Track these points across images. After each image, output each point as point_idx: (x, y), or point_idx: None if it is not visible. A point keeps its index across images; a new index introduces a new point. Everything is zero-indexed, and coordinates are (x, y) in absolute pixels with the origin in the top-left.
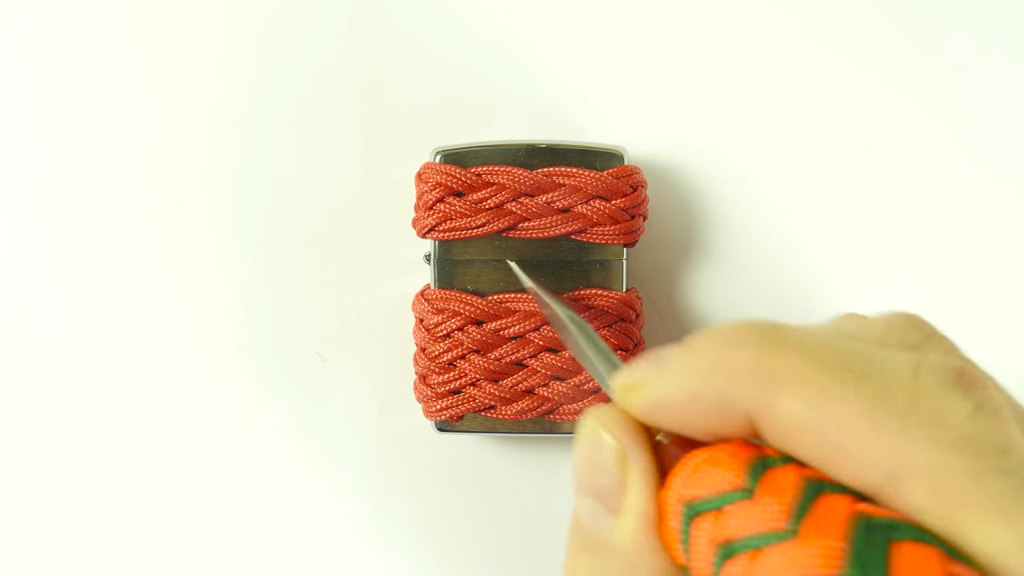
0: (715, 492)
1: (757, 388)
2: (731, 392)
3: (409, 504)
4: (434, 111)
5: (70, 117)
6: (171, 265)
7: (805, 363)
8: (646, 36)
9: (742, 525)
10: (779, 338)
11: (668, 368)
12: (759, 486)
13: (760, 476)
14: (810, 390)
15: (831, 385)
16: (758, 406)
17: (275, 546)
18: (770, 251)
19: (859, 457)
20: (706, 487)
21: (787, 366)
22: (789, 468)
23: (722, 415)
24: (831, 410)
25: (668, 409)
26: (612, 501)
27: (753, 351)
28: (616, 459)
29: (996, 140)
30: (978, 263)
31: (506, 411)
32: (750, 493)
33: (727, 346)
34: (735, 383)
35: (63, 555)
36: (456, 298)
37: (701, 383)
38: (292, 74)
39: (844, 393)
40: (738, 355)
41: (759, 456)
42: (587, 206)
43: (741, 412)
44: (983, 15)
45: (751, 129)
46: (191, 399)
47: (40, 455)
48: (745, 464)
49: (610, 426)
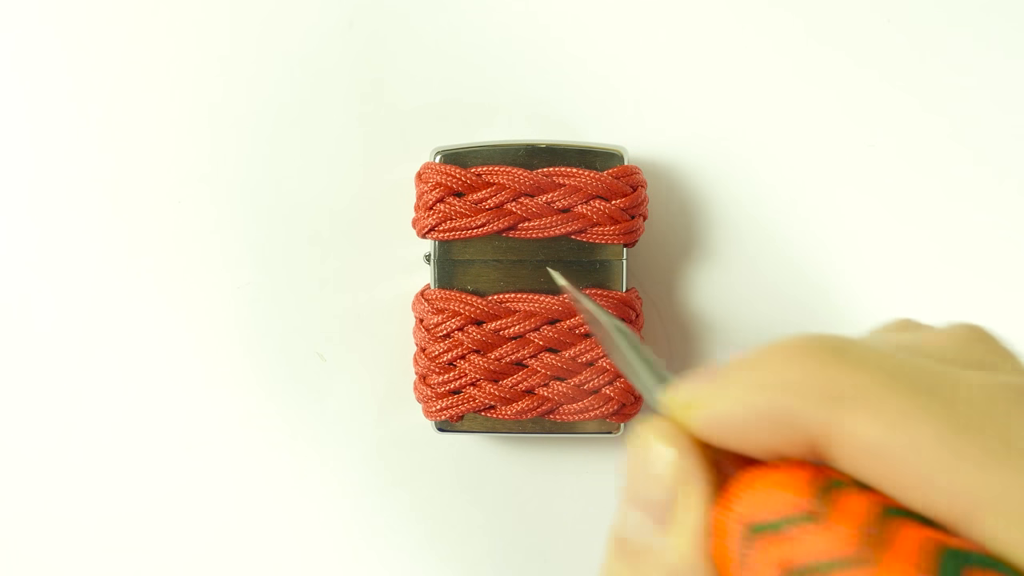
0: (780, 515)
1: (826, 408)
2: (797, 411)
3: (409, 504)
4: (434, 111)
5: (70, 117)
6: (171, 265)
7: (877, 382)
8: (646, 36)
9: (811, 550)
10: (847, 353)
11: (728, 384)
12: (828, 510)
13: (828, 500)
14: (884, 411)
15: (906, 407)
16: (827, 427)
17: (275, 546)
18: (770, 251)
19: (936, 484)
20: (770, 508)
21: (858, 384)
22: (859, 493)
23: (786, 435)
24: (906, 433)
25: (727, 428)
26: (663, 515)
27: (821, 367)
28: (673, 472)
29: (996, 140)
30: (978, 263)
31: (506, 411)
32: (818, 517)
33: (792, 361)
34: (802, 401)
35: (62, 555)
36: (456, 298)
37: (765, 400)
38: (292, 74)
39: (921, 416)
40: (805, 371)
41: (826, 479)
42: (587, 206)
43: (809, 433)
44: (983, 15)
45: (751, 129)
46: (191, 399)
47: (39, 454)
48: (811, 486)
49: (668, 438)
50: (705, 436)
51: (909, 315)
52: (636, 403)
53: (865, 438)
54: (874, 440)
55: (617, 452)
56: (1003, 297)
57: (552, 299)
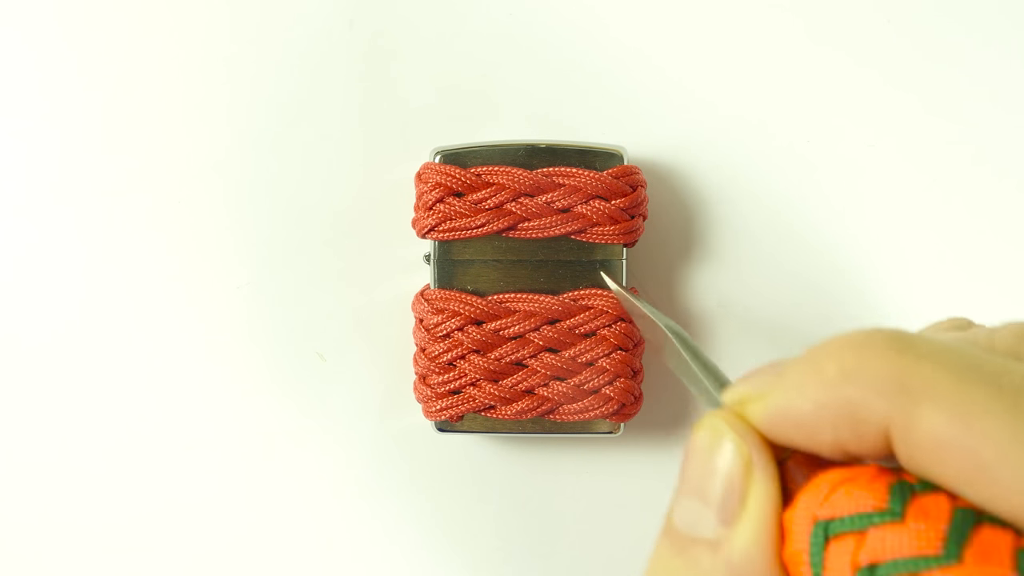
0: (856, 511)
1: (894, 400)
2: (864, 403)
3: (409, 504)
4: (434, 111)
5: (70, 117)
6: (171, 265)
7: (949, 374)
8: (646, 36)
9: (891, 548)
10: (915, 346)
11: (789, 377)
12: (907, 509)
13: (906, 499)
14: (957, 404)
15: (981, 401)
16: (896, 419)
17: (275, 546)
18: (770, 251)
19: (1012, 483)
20: (845, 507)
21: (929, 376)
22: (936, 494)
23: (853, 428)
24: (981, 428)
25: (792, 421)
26: (728, 509)
27: (887, 359)
28: (740, 464)
29: (996, 140)
30: (978, 263)
31: (506, 411)
32: (896, 515)
33: (858, 353)
34: (869, 392)
35: (61, 555)
36: (456, 298)
37: (829, 392)
38: (292, 74)
39: (995, 410)
40: (872, 362)
41: (900, 480)
42: (587, 206)
43: (875, 425)
44: (983, 15)
45: (751, 129)
46: (191, 399)
47: (39, 454)
48: (887, 486)
49: (734, 429)
50: (769, 431)
51: (909, 315)
52: (636, 403)
53: (935, 431)
54: (944, 433)
55: (617, 452)
56: (1003, 296)
57: (552, 299)
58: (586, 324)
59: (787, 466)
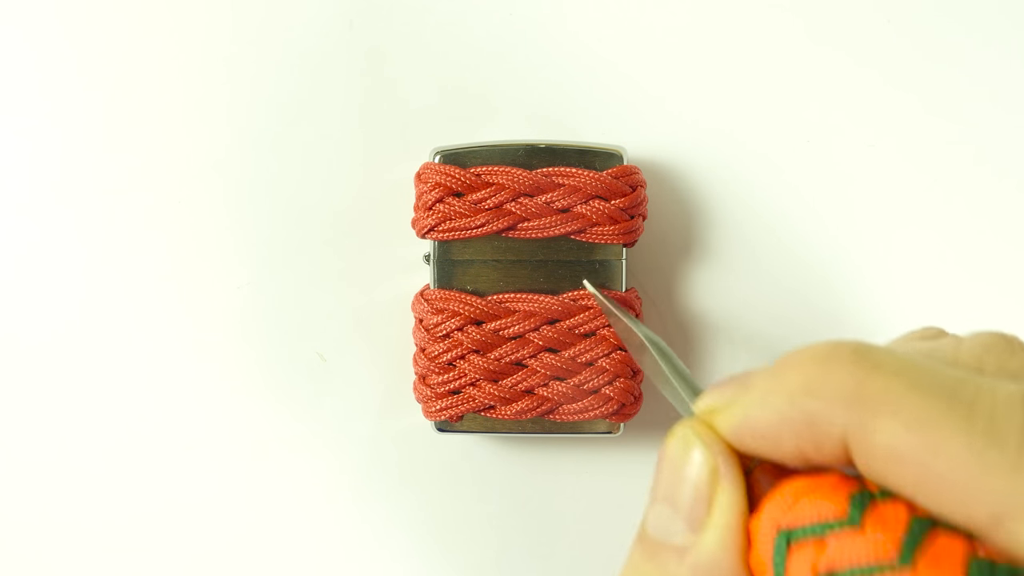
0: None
1: (854, 411)
2: (825, 414)
3: (409, 504)
4: (434, 111)
5: (70, 116)
6: (171, 265)
7: (907, 387)
8: (646, 36)
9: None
10: (875, 359)
11: (755, 388)
12: (865, 518)
13: (865, 508)
14: (913, 416)
15: (936, 413)
16: (854, 430)
17: (274, 546)
18: (770, 251)
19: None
20: (807, 515)
21: (887, 389)
22: (894, 502)
23: (814, 439)
24: (935, 439)
25: (756, 431)
26: (695, 516)
27: (848, 371)
28: (707, 473)
29: (996, 139)
30: (978, 263)
31: (506, 411)
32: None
33: (819, 365)
34: (829, 404)
35: (62, 555)
36: (456, 298)
37: (791, 404)
38: (292, 74)
39: (949, 423)
40: (832, 375)
41: (861, 488)
42: (586, 206)
43: (834, 436)
44: (983, 15)
45: (751, 129)
46: (191, 399)
47: (38, 455)
48: (847, 495)
49: (702, 439)
50: (734, 441)
51: (908, 313)
52: (636, 403)
53: (891, 442)
54: (900, 444)
55: (617, 452)
56: (1002, 296)
57: (552, 299)
58: (586, 324)
59: (754, 475)
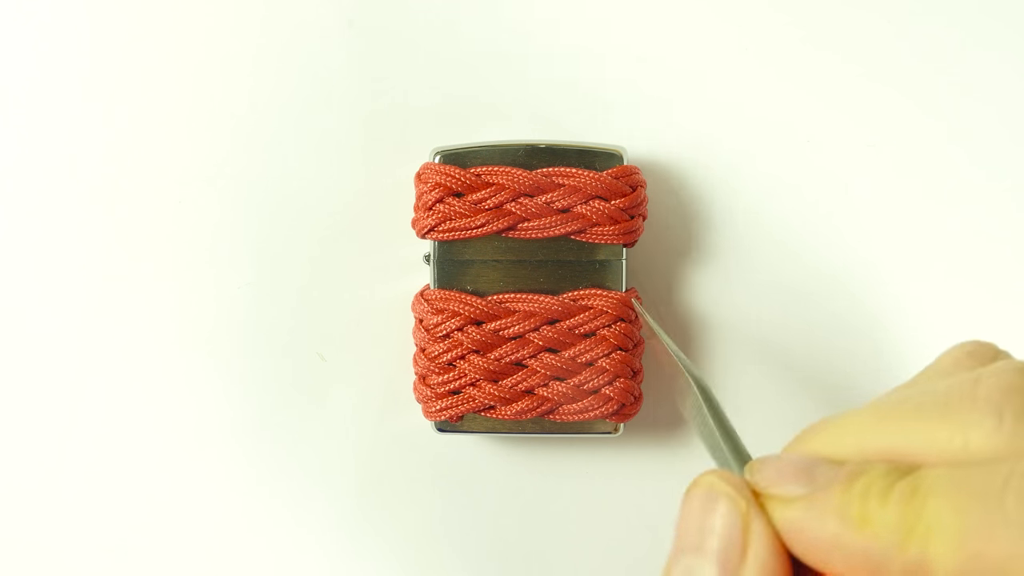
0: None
1: (907, 551)
2: (877, 554)
3: (409, 504)
4: (434, 111)
5: (70, 117)
6: (171, 265)
7: (960, 516)
8: (646, 36)
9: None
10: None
11: (821, 496)
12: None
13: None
14: (970, 555)
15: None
16: (911, 567)
17: (274, 546)
18: (770, 251)
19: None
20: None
21: (938, 516)
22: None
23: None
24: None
25: (811, 547)
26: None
27: (898, 503)
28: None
29: (995, 140)
30: (979, 262)
31: (506, 411)
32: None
33: (871, 495)
34: (882, 544)
35: (61, 556)
36: (456, 298)
37: (850, 534)
38: (292, 74)
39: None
40: (887, 509)
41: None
42: (587, 206)
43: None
44: (983, 16)
45: (751, 129)
46: (191, 399)
47: (37, 455)
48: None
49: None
50: (783, 536)
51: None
52: (636, 403)
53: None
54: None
55: (617, 452)
56: (1003, 296)
57: (552, 299)
58: (586, 324)
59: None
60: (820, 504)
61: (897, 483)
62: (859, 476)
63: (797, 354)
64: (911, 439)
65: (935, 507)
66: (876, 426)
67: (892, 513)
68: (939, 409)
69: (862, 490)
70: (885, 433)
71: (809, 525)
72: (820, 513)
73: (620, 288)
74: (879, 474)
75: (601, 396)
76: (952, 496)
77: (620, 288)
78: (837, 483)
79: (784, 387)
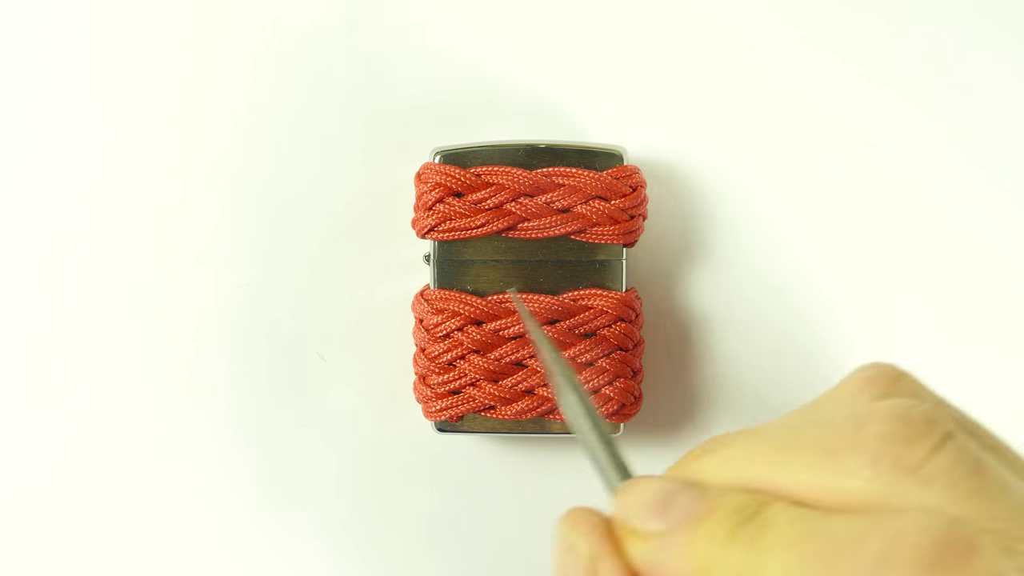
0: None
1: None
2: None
3: (409, 504)
4: (434, 111)
5: (70, 117)
6: (171, 265)
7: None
8: (646, 36)
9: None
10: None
11: (673, 535)
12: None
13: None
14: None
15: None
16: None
17: (273, 547)
18: (770, 251)
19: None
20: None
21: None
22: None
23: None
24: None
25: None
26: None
27: (742, 549)
28: (587, 564)
29: (995, 140)
30: (979, 263)
31: (506, 411)
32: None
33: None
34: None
35: (60, 556)
36: (456, 298)
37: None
38: (292, 74)
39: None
40: (730, 553)
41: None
42: (587, 206)
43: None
44: (982, 16)
45: (751, 129)
46: (190, 399)
47: (36, 456)
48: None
49: (584, 533)
50: (642, 574)
51: (908, 313)
52: (636, 403)
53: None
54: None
55: None
56: (1001, 296)
57: (552, 299)
58: (586, 324)
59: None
60: (672, 544)
61: (746, 524)
62: (708, 515)
63: (797, 354)
64: (795, 475)
65: (777, 559)
66: (763, 455)
67: (734, 560)
68: (823, 449)
69: (708, 533)
70: (770, 464)
71: (664, 565)
72: (672, 554)
73: (620, 288)
74: (728, 512)
75: (601, 396)
76: (796, 548)
77: (620, 288)
78: (688, 522)
79: (784, 387)
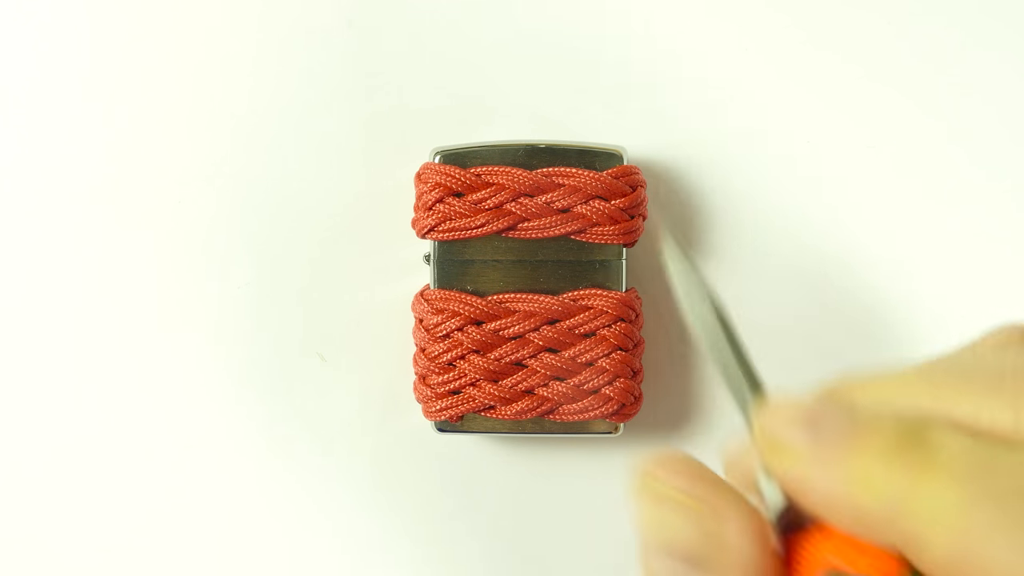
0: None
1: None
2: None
3: (409, 504)
4: (434, 111)
5: (70, 117)
6: (171, 265)
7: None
8: (646, 36)
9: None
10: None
11: (827, 453)
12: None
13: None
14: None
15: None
16: (906, 544)
17: (273, 547)
18: (770, 251)
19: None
20: (863, 565)
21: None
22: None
23: (875, 533)
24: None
25: (821, 502)
26: (704, 559)
27: (901, 472)
28: (706, 513)
29: (995, 140)
30: (979, 263)
31: (506, 411)
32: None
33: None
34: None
35: (60, 557)
36: (456, 298)
37: (869, 503)
38: (292, 74)
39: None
40: (890, 475)
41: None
42: (587, 206)
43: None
44: (982, 16)
45: (751, 129)
46: (190, 399)
47: (35, 456)
48: (907, 567)
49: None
50: (790, 492)
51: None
52: (636, 403)
53: (945, 559)
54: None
55: (617, 452)
56: (1001, 296)
57: (552, 299)
58: (586, 324)
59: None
60: (825, 459)
61: (912, 444)
62: (868, 430)
63: (797, 354)
64: (958, 407)
65: (943, 490)
66: (923, 387)
67: (897, 481)
68: (993, 381)
69: (868, 447)
70: (931, 396)
71: (814, 482)
72: (824, 471)
73: (620, 288)
74: (891, 427)
75: (601, 396)
76: (967, 483)
77: (620, 288)
78: (847, 434)
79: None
